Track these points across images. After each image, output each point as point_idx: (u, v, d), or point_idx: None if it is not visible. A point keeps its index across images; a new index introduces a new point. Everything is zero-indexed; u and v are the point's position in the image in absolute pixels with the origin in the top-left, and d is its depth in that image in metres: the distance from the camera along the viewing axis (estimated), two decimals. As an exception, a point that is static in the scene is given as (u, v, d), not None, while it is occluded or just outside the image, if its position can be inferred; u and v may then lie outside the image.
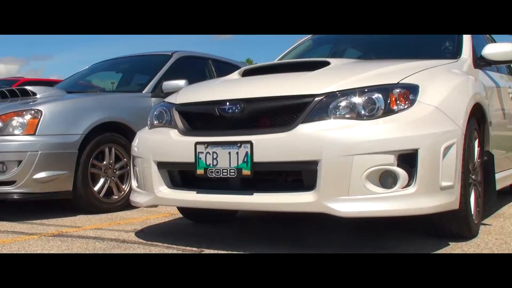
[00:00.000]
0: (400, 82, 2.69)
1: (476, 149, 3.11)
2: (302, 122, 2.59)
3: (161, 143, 2.97)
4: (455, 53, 3.65)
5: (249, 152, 2.62)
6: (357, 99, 2.60)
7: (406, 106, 2.61)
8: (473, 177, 3.06)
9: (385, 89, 2.63)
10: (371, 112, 2.58)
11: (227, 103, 2.77)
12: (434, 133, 2.58)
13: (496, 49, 3.67)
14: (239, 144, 2.65)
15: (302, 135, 2.55)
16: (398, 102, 2.62)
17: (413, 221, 3.02)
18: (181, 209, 3.69)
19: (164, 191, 2.96)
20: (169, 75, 5.11)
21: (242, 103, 2.74)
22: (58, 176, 4.10)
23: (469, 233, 2.94)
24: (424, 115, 2.60)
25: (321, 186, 2.50)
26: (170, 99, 3.20)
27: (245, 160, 2.64)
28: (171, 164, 2.94)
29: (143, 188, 3.07)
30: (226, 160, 2.68)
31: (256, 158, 2.62)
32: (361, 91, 2.63)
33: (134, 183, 3.22)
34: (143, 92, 4.90)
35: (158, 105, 3.24)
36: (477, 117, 3.20)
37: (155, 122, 3.16)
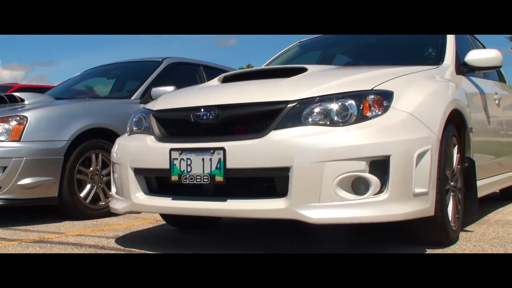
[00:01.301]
0: (374, 88, 2.69)
1: (455, 155, 3.10)
2: (275, 129, 2.59)
3: (138, 149, 2.98)
4: (438, 59, 3.64)
5: (222, 159, 2.62)
6: (330, 106, 2.60)
7: (379, 113, 2.61)
8: (452, 183, 3.04)
9: (359, 96, 2.62)
10: (344, 118, 2.58)
11: (202, 110, 2.77)
12: (407, 139, 2.57)
13: (479, 55, 3.66)
14: (212, 151, 2.65)
15: (274, 142, 2.55)
16: (372, 108, 2.61)
17: (392, 228, 3.01)
18: (163, 215, 3.69)
19: (141, 197, 2.96)
20: (159, 82, 5.13)
21: (216, 110, 2.74)
22: (43, 182, 4.11)
23: (446, 240, 2.92)
24: (397, 122, 2.60)
25: (293, 192, 2.50)
26: (149, 105, 3.21)
27: (218, 166, 2.63)
28: (148, 171, 2.94)
29: (121, 194, 3.08)
30: (199, 167, 2.69)
31: (229, 165, 2.62)
32: (334, 97, 2.62)
33: (113, 190, 3.22)
34: (132, 98, 4.91)
35: (137, 112, 3.25)
36: (457, 124, 3.18)
37: (134, 128, 3.16)
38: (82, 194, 4.37)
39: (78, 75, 6.00)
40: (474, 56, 3.65)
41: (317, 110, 2.61)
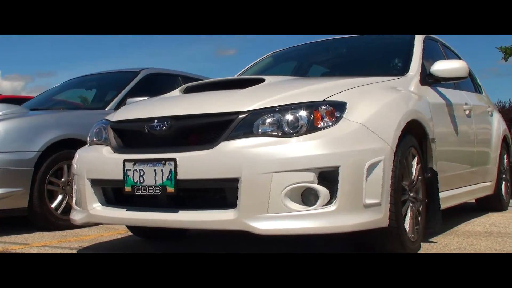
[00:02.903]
0: (326, 99, 2.69)
1: (415, 166, 3.09)
2: (225, 140, 2.59)
3: (94, 160, 2.98)
4: (403, 70, 3.65)
5: (173, 170, 2.62)
6: (281, 117, 2.60)
7: (331, 124, 2.61)
8: (411, 194, 3.04)
9: (310, 106, 2.63)
10: (294, 129, 2.58)
11: (156, 121, 2.78)
12: (357, 150, 2.57)
13: (444, 66, 3.67)
14: (163, 162, 2.65)
15: (223, 153, 2.55)
16: (324, 119, 2.61)
17: (350, 238, 3.00)
18: (128, 226, 3.68)
19: (98, 208, 2.96)
20: (136, 92, 5.13)
21: (170, 121, 2.74)
22: (12, 193, 4.10)
23: (403, 251, 2.90)
24: (348, 132, 2.60)
25: (241, 203, 2.50)
26: (109, 116, 3.22)
27: (169, 177, 2.63)
28: (104, 181, 2.94)
29: (79, 205, 3.07)
30: (152, 178, 2.69)
31: (180, 176, 2.62)
32: (285, 108, 2.63)
33: (73, 201, 3.22)
34: (106, 109, 4.92)
35: (98, 123, 3.25)
36: (417, 134, 3.18)
37: (94, 139, 3.17)
38: (53, 205, 4.36)
39: (58, 86, 6.01)
40: (439, 67, 3.66)
41: (268, 121, 2.61)
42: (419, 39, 3.96)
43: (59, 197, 4.41)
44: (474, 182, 4.42)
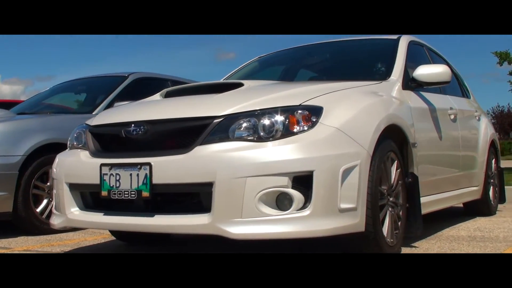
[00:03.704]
0: (302, 104, 2.69)
1: (394, 171, 3.09)
2: (201, 144, 2.59)
3: (73, 164, 2.98)
4: (385, 75, 3.65)
5: (148, 174, 2.62)
6: (256, 121, 2.60)
7: (306, 128, 2.61)
8: (390, 199, 3.04)
9: (285, 111, 2.63)
10: (270, 134, 2.58)
11: (132, 125, 2.78)
12: (332, 154, 2.57)
13: (427, 70, 3.67)
14: (139, 166, 2.65)
15: (198, 157, 2.55)
16: (299, 123, 2.61)
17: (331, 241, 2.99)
18: (111, 231, 3.68)
19: (76, 212, 2.96)
20: (124, 96, 5.13)
21: (146, 125, 2.75)
22: (-3, 197, 4.10)
23: (381, 256, 2.90)
24: (323, 137, 2.59)
25: (215, 208, 2.50)
26: (89, 121, 3.22)
27: (145, 182, 2.64)
28: (81, 186, 2.94)
29: (58, 209, 3.07)
30: (127, 182, 2.69)
31: (155, 180, 2.62)
32: (260, 113, 2.63)
33: (54, 205, 3.22)
34: (94, 113, 4.90)
35: (78, 127, 3.25)
36: (397, 139, 3.18)
37: (74, 143, 3.17)
38: (39, 209, 4.36)
39: (47, 90, 6.02)
40: (422, 71, 3.66)
41: (244, 125, 2.61)
42: (403, 44, 3.97)
43: (44, 201, 4.41)
44: (460, 187, 4.42)
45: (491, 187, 5.13)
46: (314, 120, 2.64)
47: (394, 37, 4.13)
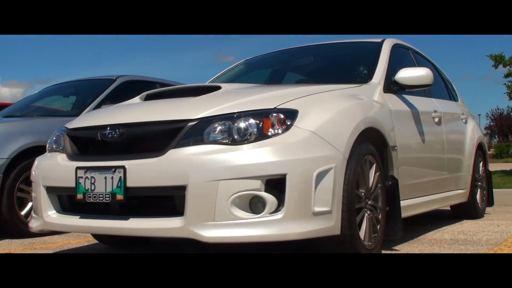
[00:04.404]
0: (277, 107, 2.69)
1: (373, 174, 3.08)
2: (175, 147, 2.59)
3: (50, 167, 2.99)
4: (367, 78, 3.65)
5: (122, 177, 2.62)
6: (231, 124, 2.60)
7: (280, 131, 2.60)
8: (369, 202, 3.03)
9: (260, 114, 2.63)
10: (244, 137, 2.58)
11: (108, 128, 2.78)
12: (306, 158, 2.57)
13: (408, 73, 3.67)
14: (113, 169, 2.65)
15: (171, 160, 2.55)
16: (274, 127, 2.61)
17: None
18: (93, 234, 3.67)
19: (53, 215, 2.97)
20: (112, 99, 5.13)
21: (122, 128, 2.75)
22: (-19, 200, 4.10)
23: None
24: (297, 140, 2.59)
25: (188, 211, 2.50)
26: (68, 123, 3.22)
27: (119, 185, 2.64)
28: (58, 189, 2.95)
29: (36, 212, 3.07)
30: (102, 185, 2.69)
31: (130, 183, 2.62)
32: (235, 116, 2.63)
33: (33, 208, 3.22)
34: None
35: (57, 130, 3.26)
36: (376, 142, 3.18)
37: (54, 146, 3.17)
38: (23, 212, 4.35)
39: (36, 93, 6.02)
40: (404, 75, 3.66)
41: (218, 128, 2.61)
42: (386, 47, 3.97)
43: (29, 205, 4.39)
44: (445, 189, 4.42)
45: (479, 190, 5.13)
46: (288, 123, 2.64)
47: (378, 40, 4.14)
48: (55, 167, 2.94)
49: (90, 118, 3.09)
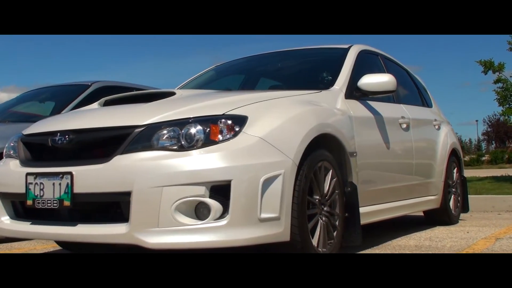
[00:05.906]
0: (226, 113, 2.69)
1: (329, 180, 3.08)
2: (121, 153, 2.59)
3: (3, 173, 2.99)
4: (329, 84, 3.65)
5: (69, 183, 2.62)
6: (178, 130, 2.60)
7: (228, 137, 2.60)
8: (324, 208, 3.03)
9: (207, 120, 2.63)
10: (191, 143, 2.58)
11: (58, 134, 2.78)
12: (252, 164, 2.57)
13: (371, 79, 3.67)
14: (61, 175, 2.65)
15: (117, 167, 2.55)
16: (222, 133, 2.61)
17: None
18: (56, 241, 3.66)
19: (6, 221, 2.97)
20: (86, 105, 5.12)
21: (71, 134, 2.75)
22: None
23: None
24: (244, 146, 2.59)
25: (133, 217, 2.50)
26: (24, 130, 3.22)
27: (66, 191, 2.63)
28: (10, 195, 2.95)
29: (-10, 218, 3.06)
30: (50, 191, 2.69)
31: (76, 189, 2.62)
32: (182, 122, 2.63)
33: (-10, 214, 3.21)
34: (52, 122, 4.91)
35: (14, 136, 3.25)
36: (333, 148, 3.18)
37: (10, 152, 3.17)
38: (-8, 218, 4.34)
39: (15, 98, 6.04)
40: (366, 81, 3.66)
41: (166, 135, 2.61)
42: (351, 53, 3.97)
43: None
44: (415, 196, 4.41)
45: (452, 196, 5.12)
46: (237, 129, 2.64)
47: (346, 46, 4.14)
48: (8, 173, 2.94)
49: (44, 124, 3.09)
